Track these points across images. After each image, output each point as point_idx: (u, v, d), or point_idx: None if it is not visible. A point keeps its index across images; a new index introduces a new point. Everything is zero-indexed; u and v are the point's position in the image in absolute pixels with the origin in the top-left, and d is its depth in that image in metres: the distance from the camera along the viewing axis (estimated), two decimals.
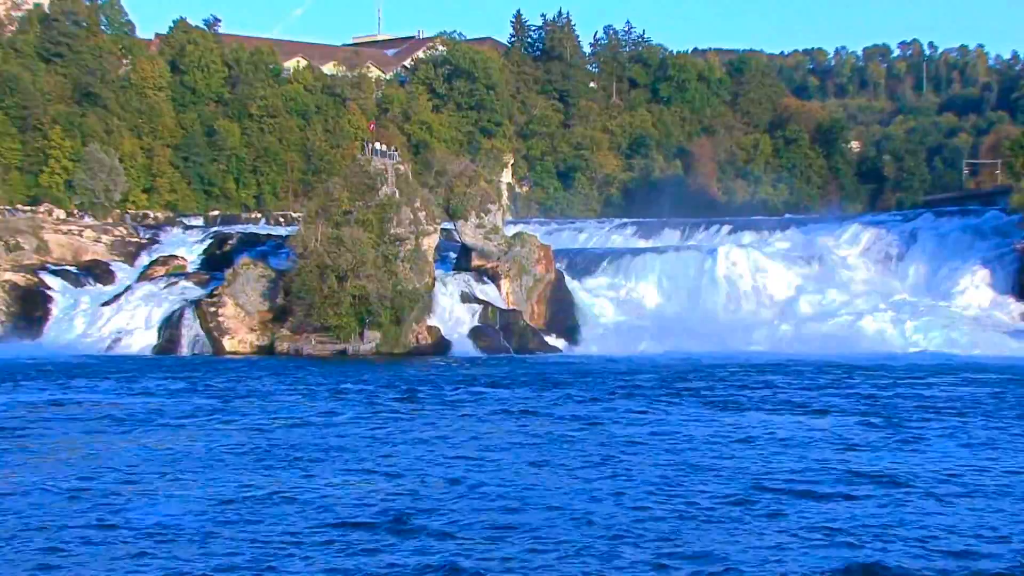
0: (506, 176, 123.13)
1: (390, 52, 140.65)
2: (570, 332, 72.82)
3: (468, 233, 74.60)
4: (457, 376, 51.46)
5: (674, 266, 79.73)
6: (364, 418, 35.52)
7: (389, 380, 48.80)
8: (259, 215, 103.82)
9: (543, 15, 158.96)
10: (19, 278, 75.28)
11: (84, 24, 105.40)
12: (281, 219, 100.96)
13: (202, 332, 68.57)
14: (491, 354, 66.79)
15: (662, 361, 59.95)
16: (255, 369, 55.75)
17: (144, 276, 77.25)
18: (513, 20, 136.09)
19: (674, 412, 36.94)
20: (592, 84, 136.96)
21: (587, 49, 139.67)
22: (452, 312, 70.32)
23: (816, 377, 49.32)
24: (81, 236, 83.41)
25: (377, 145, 73.07)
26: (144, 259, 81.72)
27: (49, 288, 75.21)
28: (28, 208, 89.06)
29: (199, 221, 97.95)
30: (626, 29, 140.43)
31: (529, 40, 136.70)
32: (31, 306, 73.67)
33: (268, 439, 31.05)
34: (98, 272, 79.04)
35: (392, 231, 67.92)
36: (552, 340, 71.31)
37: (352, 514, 21.95)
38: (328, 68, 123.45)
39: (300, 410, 37.69)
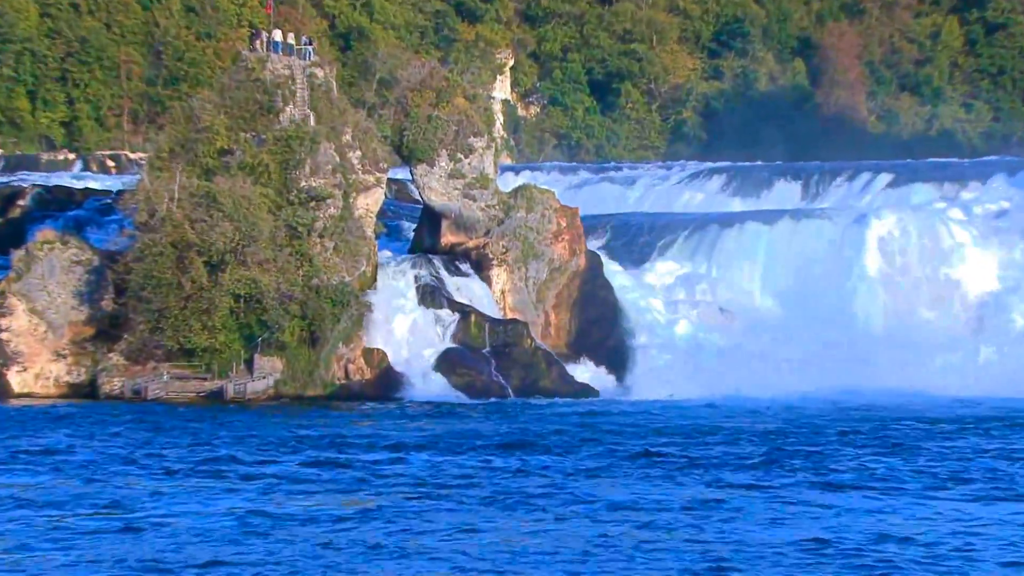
0: (501, 90, 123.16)
1: None
2: (613, 360, 72.95)
3: (435, 187, 74.43)
4: (419, 436, 51.36)
5: (794, 245, 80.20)
6: (261, 517, 35.78)
7: (295, 446, 48.79)
8: (72, 156, 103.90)
9: None
10: None
11: None
12: (110, 163, 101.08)
13: None
14: (475, 397, 67.07)
15: (778, 410, 60.11)
16: (63, 425, 55.36)
17: None
18: None
19: (824, 501, 37.46)
20: None
21: None
22: (407, 324, 70.59)
23: None
24: None
25: (278, 35, 72.68)
26: None
27: None
28: None
29: None
30: None
31: None
32: None
33: (96, 549, 31.59)
34: None
35: (303, 184, 67.92)
36: (582, 373, 71.38)
37: None
38: None
39: (150, 504, 37.70)
